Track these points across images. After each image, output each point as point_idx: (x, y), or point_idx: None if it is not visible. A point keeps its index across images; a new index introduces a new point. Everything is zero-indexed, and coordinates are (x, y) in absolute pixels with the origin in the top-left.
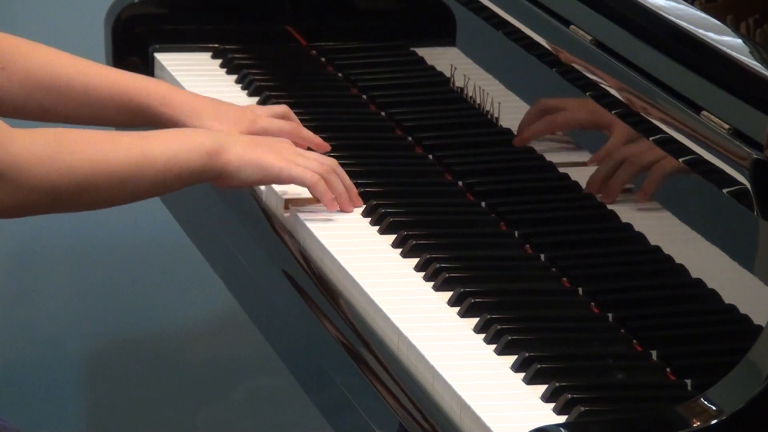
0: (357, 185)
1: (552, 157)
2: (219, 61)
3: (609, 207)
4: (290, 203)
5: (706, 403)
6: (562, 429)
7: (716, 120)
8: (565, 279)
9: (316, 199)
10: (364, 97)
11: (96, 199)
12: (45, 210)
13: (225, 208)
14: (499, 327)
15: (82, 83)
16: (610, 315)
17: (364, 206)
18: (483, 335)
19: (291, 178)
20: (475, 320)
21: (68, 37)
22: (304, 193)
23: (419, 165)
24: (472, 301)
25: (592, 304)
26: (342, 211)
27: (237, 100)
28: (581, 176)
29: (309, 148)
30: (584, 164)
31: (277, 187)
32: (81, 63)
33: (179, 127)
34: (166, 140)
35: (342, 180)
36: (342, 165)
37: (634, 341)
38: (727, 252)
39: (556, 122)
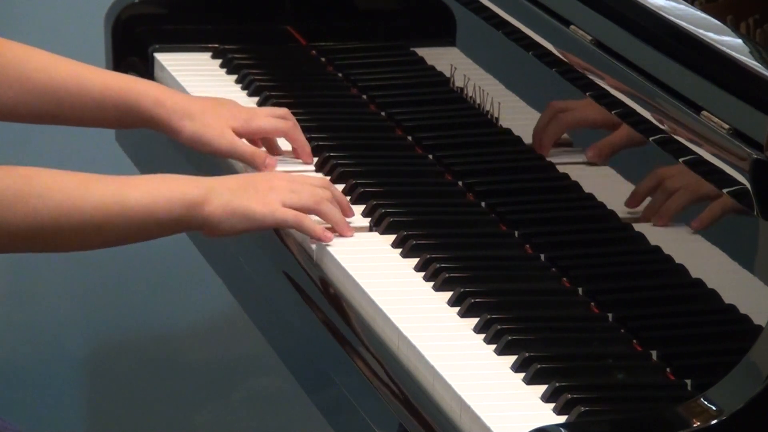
0: (357, 185)
1: (552, 157)
2: (219, 61)
3: (609, 207)
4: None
5: (706, 403)
6: (562, 429)
7: (716, 120)
8: (565, 279)
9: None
10: (364, 97)
11: (66, 243)
12: (9, 250)
13: None
14: (499, 327)
15: (75, 87)
16: (610, 315)
17: (364, 206)
18: (483, 335)
19: (275, 224)
20: (475, 320)
21: (68, 37)
22: None
23: (419, 165)
24: (472, 301)
25: (592, 304)
26: (341, 236)
27: (237, 100)
28: (581, 176)
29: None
30: (584, 165)
31: None
32: (75, 66)
33: (170, 130)
34: (146, 187)
35: (338, 201)
36: (342, 165)
37: (634, 341)
38: (727, 252)
39: (567, 122)
